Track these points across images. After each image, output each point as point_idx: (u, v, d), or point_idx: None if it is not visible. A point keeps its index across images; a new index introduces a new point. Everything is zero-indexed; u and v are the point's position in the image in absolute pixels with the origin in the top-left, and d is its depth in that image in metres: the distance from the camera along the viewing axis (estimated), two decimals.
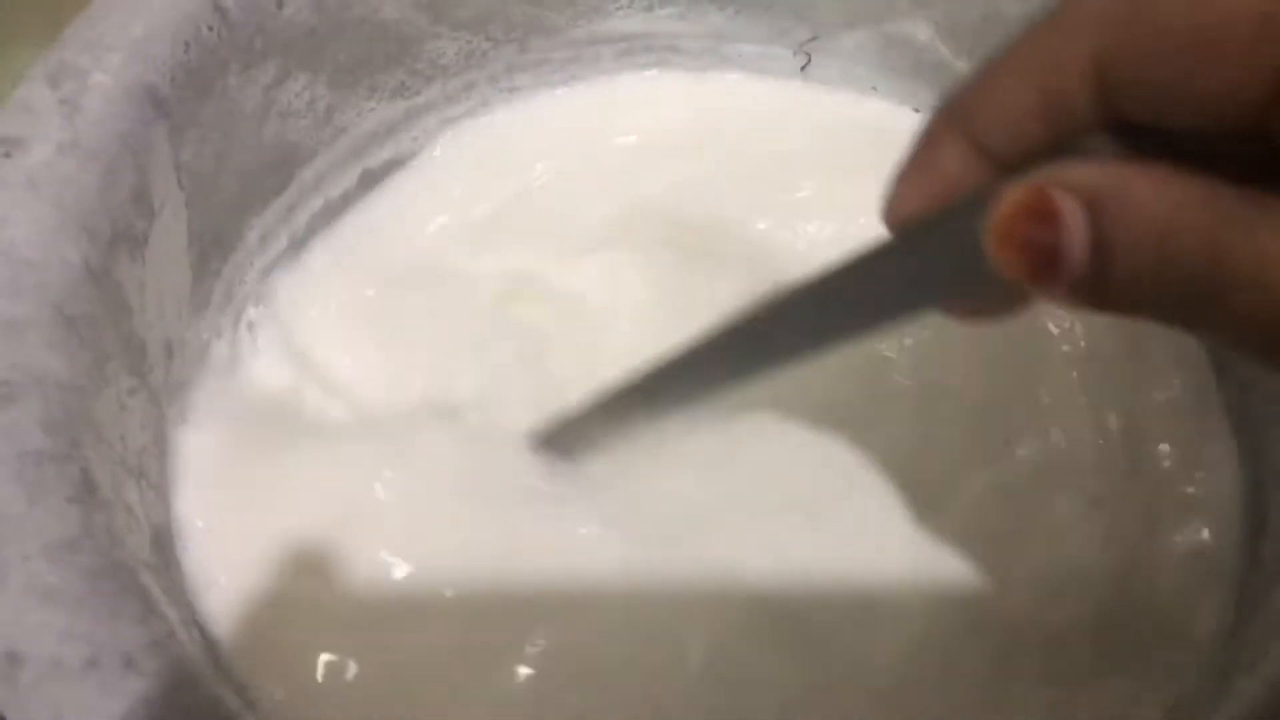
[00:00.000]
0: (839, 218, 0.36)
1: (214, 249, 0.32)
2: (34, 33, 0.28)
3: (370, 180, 0.37)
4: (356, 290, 0.34)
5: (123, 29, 0.28)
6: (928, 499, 0.30)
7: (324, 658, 0.28)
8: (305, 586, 0.29)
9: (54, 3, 0.29)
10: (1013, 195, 0.17)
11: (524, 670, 0.28)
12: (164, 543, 0.26)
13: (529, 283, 0.36)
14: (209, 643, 0.27)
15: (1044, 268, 0.17)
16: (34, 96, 0.26)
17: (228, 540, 0.29)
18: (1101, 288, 0.17)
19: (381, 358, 0.34)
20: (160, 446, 0.28)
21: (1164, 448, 0.31)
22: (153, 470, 0.27)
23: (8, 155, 0.25)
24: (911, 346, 0.33)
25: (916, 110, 0.39)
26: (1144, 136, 0.17)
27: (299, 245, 0.35)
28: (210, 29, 0.29)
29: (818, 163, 0.38)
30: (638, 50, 0.39)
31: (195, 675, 0.21)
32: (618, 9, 0.38)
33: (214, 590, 0.28)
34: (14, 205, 0.25)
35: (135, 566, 0.22)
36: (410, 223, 0.36)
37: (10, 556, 0.21)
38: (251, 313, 0.34)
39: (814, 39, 0.38)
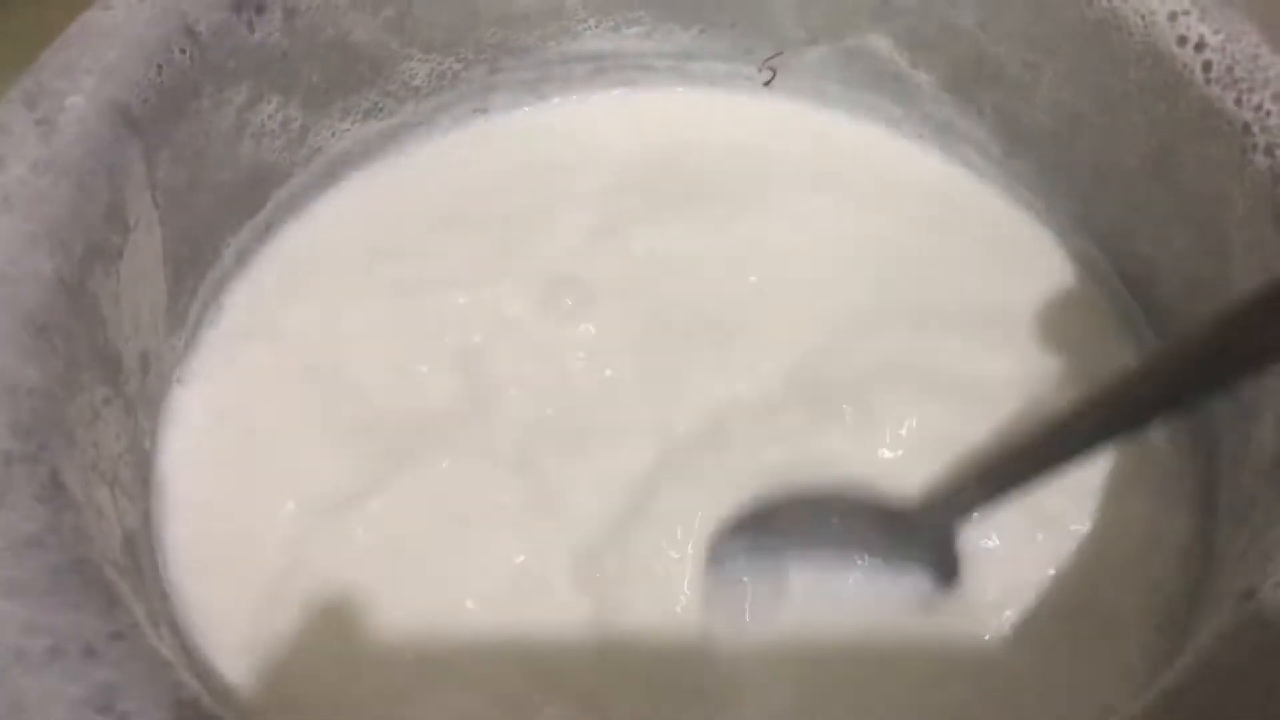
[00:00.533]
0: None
1: (190, 266, 0.33)
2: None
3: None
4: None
5: (97, 53, 0.29)
6: None
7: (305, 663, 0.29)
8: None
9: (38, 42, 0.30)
10: None
11: None
12: (135, 546, 0.27)
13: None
14: (184, 644, 0.28)
15: None
16: (11, 117, 0.28)
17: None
18: None
19: None
20: (135, 455, 0.29)
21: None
22: (126, 477, 0.28)
23: None
24: None
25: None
26: None
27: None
28: (182, 51, 0.30)
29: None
30: (608, 69, 0.40)
31: (158, 664, 0.21)
32: (586, 29, 0.39)
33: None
34: None
35: (101, 563, 0.23)
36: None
37: None
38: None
39: (778, 55, 0.39)
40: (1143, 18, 0.31)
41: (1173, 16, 0.31)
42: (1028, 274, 0.37)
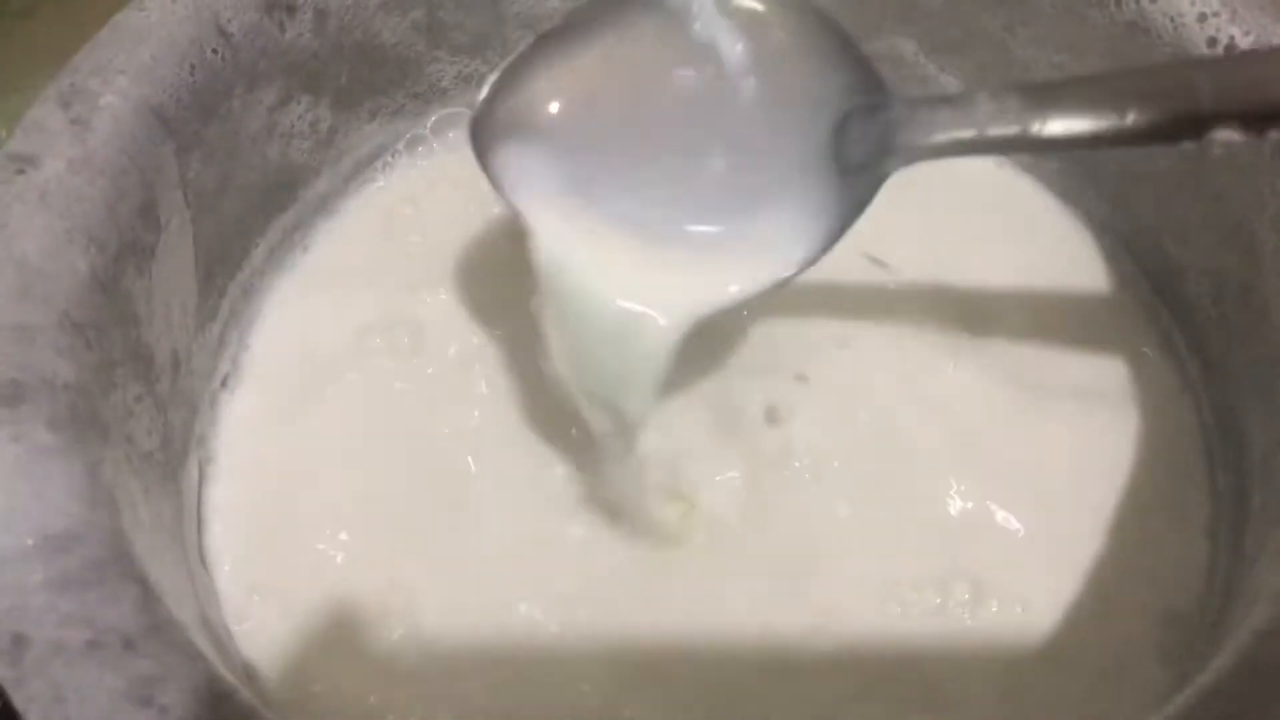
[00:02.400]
0: None
1: (219, 265, 0.33)
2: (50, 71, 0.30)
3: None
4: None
5: (130, 53, 0.29)
6: None
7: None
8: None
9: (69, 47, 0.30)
10: None
11: None
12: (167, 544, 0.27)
13: None
14: (219, 640, 0.28)
15: None
16: (46, 117, 0.28)
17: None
18: None
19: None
20: (166, 454, 0.29)
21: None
22: (157, 475, 0.28)
23: (21, 172, 0.27)
24: None
25: None
26: None
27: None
28: (215, 52, 0.30)
29: None
30: None
31: (196, 657, 0.22)
32: None
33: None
34: (26, 218, 0.26)
35: (137, 558, 0.23)
36: None
37: (15, 545, 0.22)
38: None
39: None
40: (1172, 20, 0.31)
41: (1202, 18, 0.31)
42: (1054, 276, 0.37)
